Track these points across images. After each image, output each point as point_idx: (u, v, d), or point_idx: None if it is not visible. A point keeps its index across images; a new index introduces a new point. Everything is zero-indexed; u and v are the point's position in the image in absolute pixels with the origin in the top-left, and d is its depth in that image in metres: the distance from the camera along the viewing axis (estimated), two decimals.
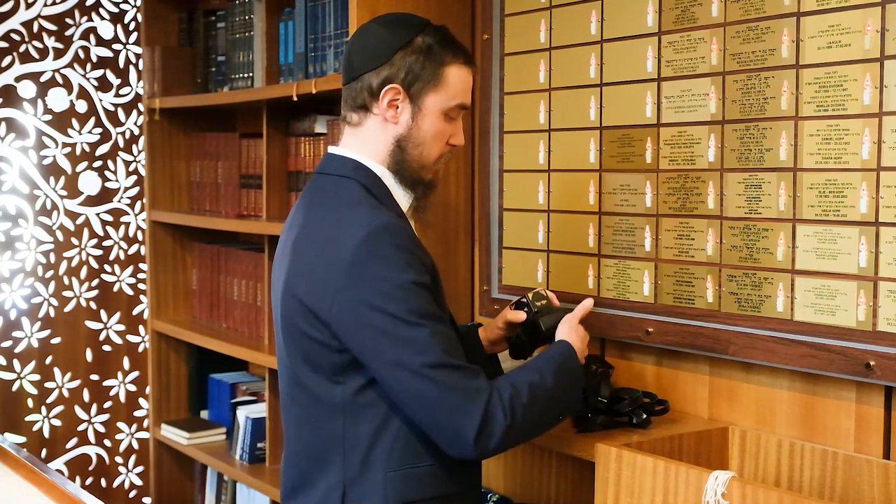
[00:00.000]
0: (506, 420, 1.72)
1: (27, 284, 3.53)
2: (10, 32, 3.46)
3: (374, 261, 1.72)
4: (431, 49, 1.84)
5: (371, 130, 1.87)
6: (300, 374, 1.85)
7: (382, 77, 1.83)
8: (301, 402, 1.87)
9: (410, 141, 1.85)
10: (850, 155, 1.86)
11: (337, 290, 1.74)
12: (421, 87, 1.83)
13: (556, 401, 1.84)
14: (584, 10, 2.35)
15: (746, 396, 2.11)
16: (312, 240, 1.81)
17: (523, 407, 1.75)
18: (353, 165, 1.86)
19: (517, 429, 1.75)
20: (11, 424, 3.50)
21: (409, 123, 1.85)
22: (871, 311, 1.84)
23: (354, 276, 1.72)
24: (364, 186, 1.84)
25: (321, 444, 1.84)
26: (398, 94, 1.83)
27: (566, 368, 1.87)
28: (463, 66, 1.88)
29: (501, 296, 2.59)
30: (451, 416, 1.70)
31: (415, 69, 1.83)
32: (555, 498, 2.52)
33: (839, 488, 1.90)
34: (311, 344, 1.80)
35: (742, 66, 2.04)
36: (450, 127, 1.88)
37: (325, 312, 1.75)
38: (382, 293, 1.71)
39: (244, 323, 3.34)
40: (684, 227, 2.15)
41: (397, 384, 1.73)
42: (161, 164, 3.65)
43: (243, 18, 3.24)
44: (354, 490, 1.80)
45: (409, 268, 1.73)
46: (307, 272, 1.79)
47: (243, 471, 3.16)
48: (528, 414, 1.76)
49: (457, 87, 1.86)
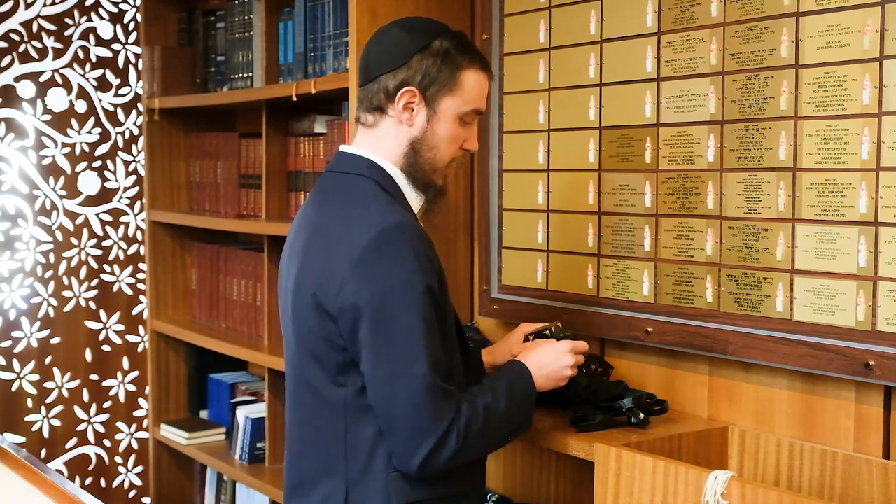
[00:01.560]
0: (456, 445, 1.74)
1: (27, 284, 3.53)
2: (10, 32, 3.46)
3: (382, 260, 1.73)
4: (449, 53, 1.85)
5: (385, 132, 1.88)
6: (307, 372, 1.86)
7: (399, 79, 1.84)
8: (305, 402, 1.88)
9: (425, 144, 1.86)
10: (849, 155, 1.86)
11: (343, 284, 1.74)
12: (437, 90, 1.85)
13: (506, 423, 1.86)
14: (583, 10, 2.35)
15: (746, 396, 2.11)
16: (324, 236, 1.82)
17: (477, 433, 1.77)
18: (367, 164, 1.87)
19: (465, 453, 1.78)
20: (11, 424, 3.50)
21: (424, 126, 1.86)
22: (870, 311, 1.84)
23: (362, 272, 1.73)
24: (378, 184, 1.85)
25: (324, 444, 1.84)
26: (414, 97, 1.84)
27: (518, 391, 1.89)
28: (479, 72, 1.89)
29: (501, 296, 2.59)
30: (411, 434, 1.73)
31: (431, 73, 1.84)
32: (554, 498, 2.52)
33: (838, 488, 1.90)
34: (317, 341, 1.81)
35: (741, 65, 2.04)
36: (464, 131, 1.90)
37: (331, 306, 1.77)
38: (386, 293, 1.72)
39: (243, 323, 3.34)
40: (684, 227, 2.15)
41: (374, 384, 1.75)
42: (160, 164, 3.65)
43: (243, 18, 3.24)
44: (356, 491, 1.81)
45: (418, 270, 1.73)
46: (318, 268, 1.80)
47: (243, 471, 3.16)
48: (480, 439, 1.79)
49: (473, 91, 1.88)
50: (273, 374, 3.04)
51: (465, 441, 1.75)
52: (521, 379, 1.91)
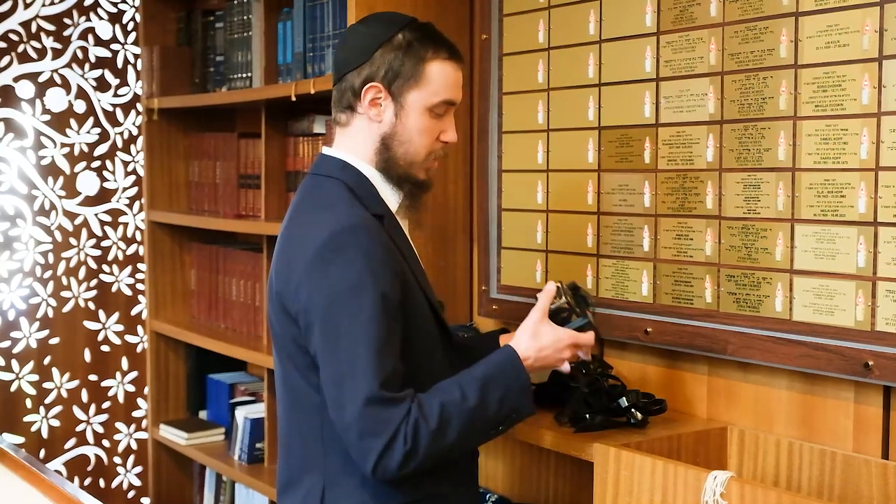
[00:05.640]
0: (405, 447, 1.67)
1: (25, 285, 3.53)
2: (9, 32, 3.45)
3: (332, 263, 1.72)
4: (411, 45, 1.83)
5: (358, 130, 1.87)
6: (285, 373, 1.87)
7: (363, 76, 1.83)
8: (286, 401, 1.89)
9: (395, 139, 1.84)
10: (848, 155, 1.86)
11: (298, 287, 1.75)
12: (402, 84, 1.82)
13: (481, 417, 1.76)
14: (582, 10, 2.35)
15: (745, 396, 2.11)
16: (289, 239, 1.83)
17: (433, 433, 1.69)
18: (341, 165, 1.86)
19: (426, 454, 1.70)
20: (10, 425, 3.50)
21: (393, 121, 1.84)
22: (869, 311, 1.84)
23: (315, 273, 1.73)
24: (347, 186, 1.83)
25: (305, 443, 1.85)
26: (380, 93, 1.83)
27: (497, 382, 1.78)
28: (446, 62, 1.85)
29: (500, 296, 2.59)
30: (360, 439, 1.69)
31: (394, 66, 1.82)
32: (553, 498, 2.52)
33: (838, 488, 1.90)
34: (287, 342, 1.82)
35: (741, 65, 2.04)
36: (438, 123, 1.86)
37: (291, 309, 1.77)
38: (337, 295, 1.71)
39: (243, 323, 3.34)
40: (683, 227, 2.15)
41: (325, 388, 1.73)
42: (159, 165, 3.65)
43: (242, 18, 3.24)
44: (333, 491, 1.81)
45: (366, 273, 1.71)
46: (283, 270, 1.81)
47: (242, 471, 3.15)
48: (441, 438, 1.71)
49: (440, 82, 1.84)
50: (272, 375, 3.03)
51: (416, 442, 1.68)
52: (506, 367, 1.81)
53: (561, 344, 1.87)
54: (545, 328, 1.87)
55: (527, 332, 1.86)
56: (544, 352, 1.85)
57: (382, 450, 1.68)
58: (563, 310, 1.92)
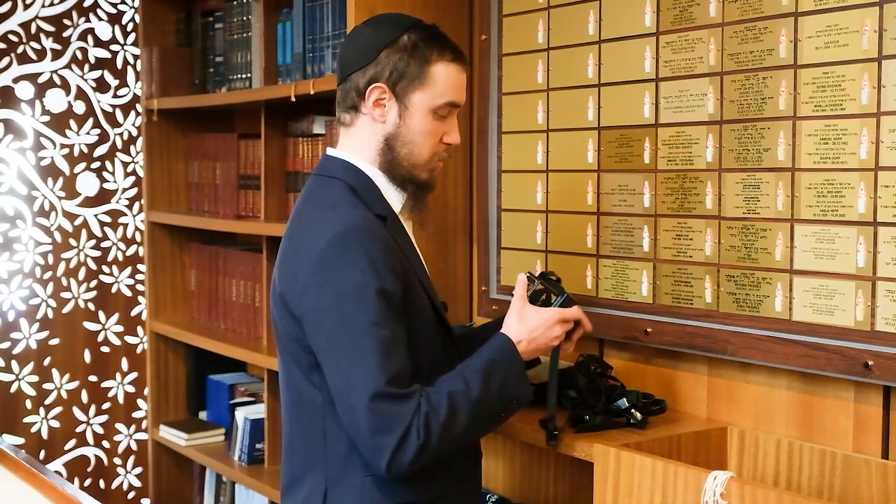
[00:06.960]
0: (419, 441, 1.68)
1: (25, 285, 3.53)
2: (8, 33, 3.46)
3: (338, 262, 1.72)
4: (417, 47, 1.83)
5: (361, 131, 1.87)
6: (289, 373, 1.87)
7: (368, 76, 1.83)
8: (290, 401, 1.89)
9: (399, 140, 1.85)
10: (848, 155, 1.86)
11: (304, 288, 1.76)
12: (406, 84, 1.83)
13: (486, 404, 1.77)
14: (582, 10, 2.35)
15: (745, 396, 2.11)
16: (292, 240, 1.83)
17: (443, 424, 1.70)
18: (344, 166, 1.87)
19: (438, 446, 1.71)
20: (10, 426, 3.50)
21: (397, 122, 1.84)
22: (869, 311, 1.84)
23: (319, 275, 1.73)
24: (350, 187, 1.84)
25: (308, 443, 1.85)
26: (384, 94, 1.83)
27: (496, 368, 1.80)
28: (451, 64, 1.86)
29: (500, 296, 2.59)
30: (373, 436, 1.69)
31: (399, 67, 1.82)
32: (553, 498, 2.52)
33: (838, 488, 1.90)
34: (290, 342, 1.83)
35: (740, 66, 2.04)
36: (441, 125, 1.87)
37: (295, 309, 1.78)
38: (341, 295, 1.71)
39: (242, 324, 3.34)
40: (682, 228, 2.15)
41: (333, 390, 1.74)
42: (159, 165, 3.65)
43: (241, 19, 3.24)
44: (335, 491, 1.81)
45: (369, 273, 1.71)
46: (286, 271, 1.82)
47: (242, 472, 3.16)
48: (451, 428, 1.72)
49: (444, 84, 1.85)
50: (272, 375, 3.04)
51: (429, 435, 1.69)
52: (503, 353, 1.83)
53: (549, 322, 1.90)
54: (529, 311, 1.91)
55: (513, 317, 1.90)
56: (535, 332, 1.88)
57: (396, 446, 1.68)
58: (540, 292, 1.96)
